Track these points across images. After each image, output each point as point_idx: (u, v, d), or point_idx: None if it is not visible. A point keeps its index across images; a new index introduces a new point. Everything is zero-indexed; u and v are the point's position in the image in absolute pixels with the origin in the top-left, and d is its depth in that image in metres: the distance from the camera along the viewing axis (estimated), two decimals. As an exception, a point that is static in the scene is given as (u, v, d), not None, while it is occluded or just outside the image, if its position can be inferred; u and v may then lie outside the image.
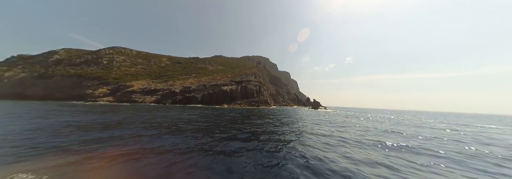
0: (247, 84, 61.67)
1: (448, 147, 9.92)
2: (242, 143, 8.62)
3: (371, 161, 6.74)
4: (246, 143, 8.65)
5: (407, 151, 8.62)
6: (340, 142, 9.75)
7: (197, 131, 11.59)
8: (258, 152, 7.21)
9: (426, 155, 8.12)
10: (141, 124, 13.50)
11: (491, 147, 10.45)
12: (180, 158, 6.25)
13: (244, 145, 8.15)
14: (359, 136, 11.92)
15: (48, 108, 27.08)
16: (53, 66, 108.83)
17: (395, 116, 40.39)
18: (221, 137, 9.80)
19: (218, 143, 8.42)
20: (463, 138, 13.42)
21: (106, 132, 10.29)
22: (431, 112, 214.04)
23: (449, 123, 26.51)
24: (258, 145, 8.33)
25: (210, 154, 6.81)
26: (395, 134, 13.62)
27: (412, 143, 10.38)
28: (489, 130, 19.83)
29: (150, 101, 55.81)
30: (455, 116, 59.80)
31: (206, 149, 7.46)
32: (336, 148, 8.51)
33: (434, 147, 9.56)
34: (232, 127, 13.82)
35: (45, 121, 13.65)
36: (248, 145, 8.31)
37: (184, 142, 8.52)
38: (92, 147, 7.13)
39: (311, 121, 21.08)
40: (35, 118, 15.57)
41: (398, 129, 16.98)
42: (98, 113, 21.91)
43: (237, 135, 10.68)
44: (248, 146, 8.03)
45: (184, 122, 15.52)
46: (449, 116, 67.58)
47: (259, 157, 6.67)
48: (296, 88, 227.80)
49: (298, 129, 14.10)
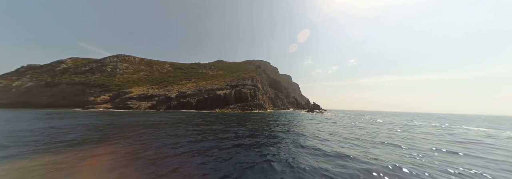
0: (241, 88, 61.18)
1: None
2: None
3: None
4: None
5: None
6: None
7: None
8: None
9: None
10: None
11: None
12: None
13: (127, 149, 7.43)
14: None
15: (31, 116, 27.43)
16: (59, 75, 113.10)
17: (389, 119, 38.34)
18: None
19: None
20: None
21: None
22: (455, 114, 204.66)
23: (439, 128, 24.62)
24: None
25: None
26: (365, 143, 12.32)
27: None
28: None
29: (145, 107, 56.25)
30: (466, 119, 55.80)
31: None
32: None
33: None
34: (168, 131, 13.05)
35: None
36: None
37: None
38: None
39: (282, 127, 19.94)
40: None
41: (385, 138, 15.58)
42: (68, 119, 21.86)
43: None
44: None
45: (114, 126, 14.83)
46: (460, 118, 63.77)
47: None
48: (298, 91, 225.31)
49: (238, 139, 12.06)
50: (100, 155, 7.02)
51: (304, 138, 12.17)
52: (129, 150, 7.91)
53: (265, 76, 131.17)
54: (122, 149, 8.04)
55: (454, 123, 31.13)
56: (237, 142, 10.27)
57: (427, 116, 68.83)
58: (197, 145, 9.35)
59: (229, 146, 9.35)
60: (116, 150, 7.88)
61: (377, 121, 30.28)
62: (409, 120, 37.48)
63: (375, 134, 15.07)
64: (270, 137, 12.33)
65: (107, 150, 7.83)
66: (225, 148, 8.81)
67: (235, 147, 9.14)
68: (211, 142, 10.30)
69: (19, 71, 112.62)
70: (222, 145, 9.53)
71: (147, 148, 8.37)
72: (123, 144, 8.99)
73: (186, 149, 8.50)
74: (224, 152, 8.16)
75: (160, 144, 9.32)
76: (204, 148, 8.83)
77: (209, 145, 9.48)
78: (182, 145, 9.19)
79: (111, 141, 9.77)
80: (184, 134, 12.57)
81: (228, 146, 9.35)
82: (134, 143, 9.28)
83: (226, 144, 9.67)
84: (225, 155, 7.69)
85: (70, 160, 6.41)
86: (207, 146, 9.16)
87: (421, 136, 14.62)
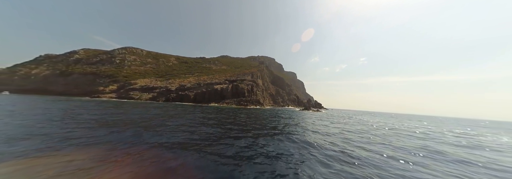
0: (239, 83, 62.82)
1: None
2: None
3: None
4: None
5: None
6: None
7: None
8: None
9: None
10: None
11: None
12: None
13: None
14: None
15: (40, 102, 30.73)
16: (72, 65, 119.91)
17: (383, 120, 38.62)
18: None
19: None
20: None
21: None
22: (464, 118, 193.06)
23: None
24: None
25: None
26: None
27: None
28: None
29: (146, 98, 59.61)
30: (472, 123, 51.27)
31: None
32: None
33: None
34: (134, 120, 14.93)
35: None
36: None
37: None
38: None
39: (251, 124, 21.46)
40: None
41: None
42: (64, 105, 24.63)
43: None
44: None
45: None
46: (457, 122, 60.23)
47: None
48: (302, 89, 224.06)
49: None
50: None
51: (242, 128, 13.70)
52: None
53: (268, 73, 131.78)
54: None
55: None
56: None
57: (440, 120, 59.58)
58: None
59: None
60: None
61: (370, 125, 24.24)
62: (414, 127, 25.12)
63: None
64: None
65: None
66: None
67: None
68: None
69: (37, 60, 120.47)
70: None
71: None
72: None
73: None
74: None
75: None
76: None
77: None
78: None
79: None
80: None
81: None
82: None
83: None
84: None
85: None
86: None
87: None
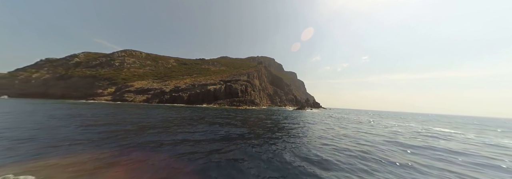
0: (232, 84, 62.25)
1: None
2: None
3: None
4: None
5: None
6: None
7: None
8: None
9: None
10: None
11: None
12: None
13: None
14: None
15: (31, 106, 30.63)
16: (72, 68, 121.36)
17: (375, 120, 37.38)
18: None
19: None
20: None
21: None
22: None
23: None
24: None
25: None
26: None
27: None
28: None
29: (140, 100, 59.56)
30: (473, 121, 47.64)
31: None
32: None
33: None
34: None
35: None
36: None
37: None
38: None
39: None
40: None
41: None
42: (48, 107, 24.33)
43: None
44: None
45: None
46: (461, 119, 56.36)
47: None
48: (303, 88, 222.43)
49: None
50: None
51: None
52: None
53: (266, 73, 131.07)
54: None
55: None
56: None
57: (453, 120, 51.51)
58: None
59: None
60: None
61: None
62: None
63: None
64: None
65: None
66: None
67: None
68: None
69: (38, 64, 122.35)
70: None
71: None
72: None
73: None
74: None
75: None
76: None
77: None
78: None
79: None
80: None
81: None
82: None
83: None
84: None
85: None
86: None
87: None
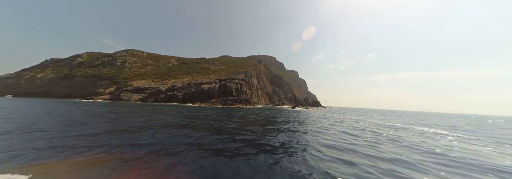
0: (226, 82, 61.83)
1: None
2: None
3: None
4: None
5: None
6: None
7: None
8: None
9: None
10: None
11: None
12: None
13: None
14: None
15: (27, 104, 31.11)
16: (76, 68, 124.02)
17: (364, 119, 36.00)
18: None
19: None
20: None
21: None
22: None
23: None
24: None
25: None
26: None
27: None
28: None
29: (135, 99, 60.09)
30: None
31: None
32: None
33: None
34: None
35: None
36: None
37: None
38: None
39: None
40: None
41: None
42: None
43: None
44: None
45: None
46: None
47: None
48: (304, 87, 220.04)
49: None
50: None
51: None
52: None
53: (266, 71, 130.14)
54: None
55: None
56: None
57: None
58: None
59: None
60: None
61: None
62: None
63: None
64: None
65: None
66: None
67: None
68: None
69: (43, 64, 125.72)
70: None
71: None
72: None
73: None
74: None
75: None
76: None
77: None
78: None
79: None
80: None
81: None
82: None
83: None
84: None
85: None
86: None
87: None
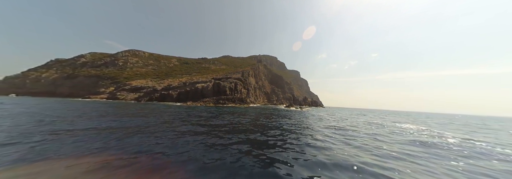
0: (221, 82, 61.65)
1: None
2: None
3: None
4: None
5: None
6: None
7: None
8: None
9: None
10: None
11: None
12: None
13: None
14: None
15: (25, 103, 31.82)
16: (79, 68, 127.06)
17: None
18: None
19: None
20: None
21: None
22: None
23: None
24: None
25: None
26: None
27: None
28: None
29: (131, 98, 60.80)
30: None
31: None
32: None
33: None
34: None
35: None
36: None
37: None
38: None
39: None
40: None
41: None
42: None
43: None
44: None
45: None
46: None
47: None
48: (306, 87, 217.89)
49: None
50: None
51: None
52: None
53: (266, 71, 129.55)
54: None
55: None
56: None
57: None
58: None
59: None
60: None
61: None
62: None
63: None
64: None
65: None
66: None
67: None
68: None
69: (48, 64, 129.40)
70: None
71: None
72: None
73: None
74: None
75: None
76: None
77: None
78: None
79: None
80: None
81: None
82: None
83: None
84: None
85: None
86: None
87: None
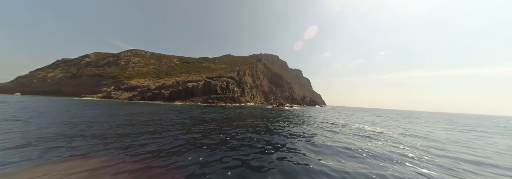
0: (212, 80, 61.13)
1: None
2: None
3: None
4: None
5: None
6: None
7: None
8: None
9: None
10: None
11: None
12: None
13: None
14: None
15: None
16: (83, 67, 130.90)
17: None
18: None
19: None
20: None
21: None
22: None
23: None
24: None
25: None
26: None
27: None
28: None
29: (124, 97, 61.63)
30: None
31: None
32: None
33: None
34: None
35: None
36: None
37: None
38: None
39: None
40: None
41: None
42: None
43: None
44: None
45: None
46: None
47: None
48: (308, 86, 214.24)
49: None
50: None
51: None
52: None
53: (265, 70, 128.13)
54: None
55: None
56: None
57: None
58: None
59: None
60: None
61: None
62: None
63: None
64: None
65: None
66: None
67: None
68: None
69: (54, 64, 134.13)
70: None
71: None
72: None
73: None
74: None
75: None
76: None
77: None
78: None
79: None
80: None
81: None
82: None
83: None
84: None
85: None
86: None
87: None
